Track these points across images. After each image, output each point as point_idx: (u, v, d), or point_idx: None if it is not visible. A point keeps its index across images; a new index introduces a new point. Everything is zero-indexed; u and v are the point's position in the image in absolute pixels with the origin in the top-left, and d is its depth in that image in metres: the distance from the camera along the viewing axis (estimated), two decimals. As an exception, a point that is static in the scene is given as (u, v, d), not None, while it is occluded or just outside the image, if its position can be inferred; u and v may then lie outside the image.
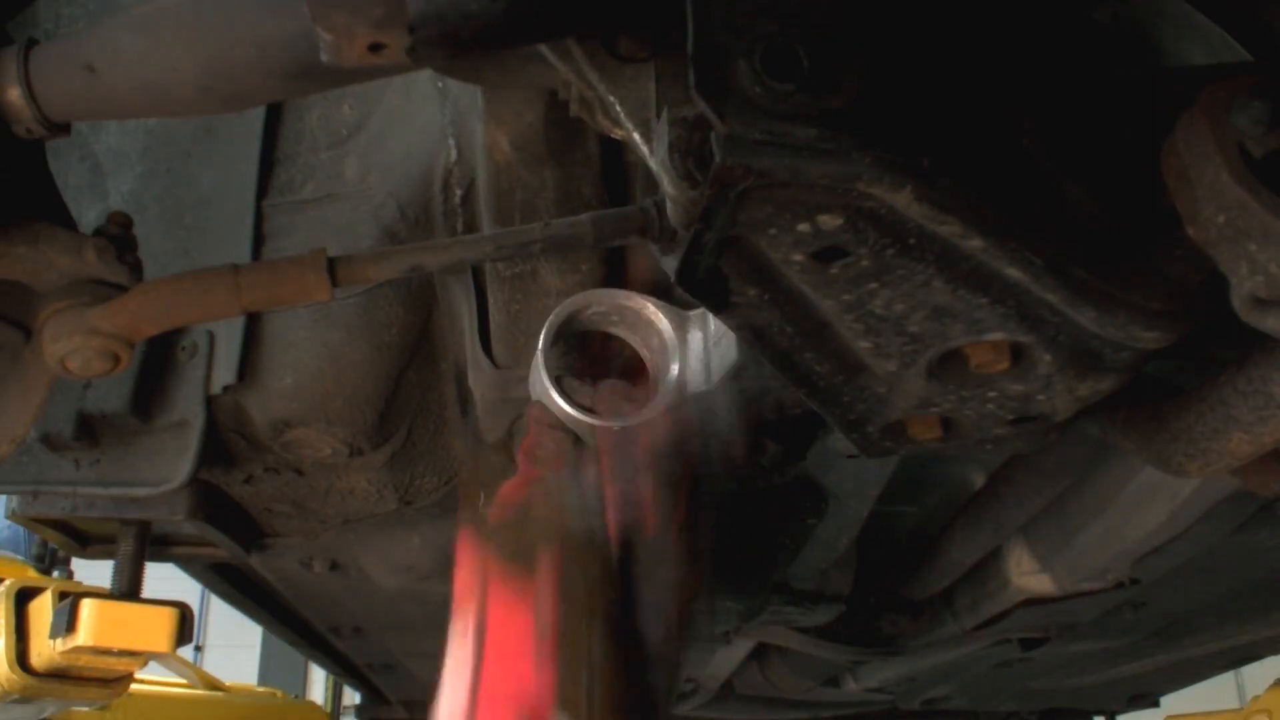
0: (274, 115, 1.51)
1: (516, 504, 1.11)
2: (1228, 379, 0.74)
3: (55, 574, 3.65)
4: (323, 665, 3.55)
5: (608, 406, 1.12)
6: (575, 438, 1.12)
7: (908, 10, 0.68)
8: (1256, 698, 3.12)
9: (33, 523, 1.72)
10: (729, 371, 1.05)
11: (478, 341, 1.34)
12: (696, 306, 1.12)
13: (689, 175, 0.68)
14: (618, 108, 0.76)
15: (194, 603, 1.99)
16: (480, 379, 1.36)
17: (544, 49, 0.79)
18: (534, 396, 1.16)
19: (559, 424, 1.12)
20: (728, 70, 0.62)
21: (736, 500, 1.54)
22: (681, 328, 1.12)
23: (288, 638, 2.95)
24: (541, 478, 1.10)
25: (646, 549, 1.11)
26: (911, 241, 0.68)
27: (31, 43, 0.85)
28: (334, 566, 2.07)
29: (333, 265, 0.94)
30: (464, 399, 1.57)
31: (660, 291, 1.14)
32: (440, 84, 1.28)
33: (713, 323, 1.10)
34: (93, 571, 2.32)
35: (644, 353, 1.17)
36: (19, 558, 3.79)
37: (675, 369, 1.11)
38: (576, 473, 1.11)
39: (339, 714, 6.77)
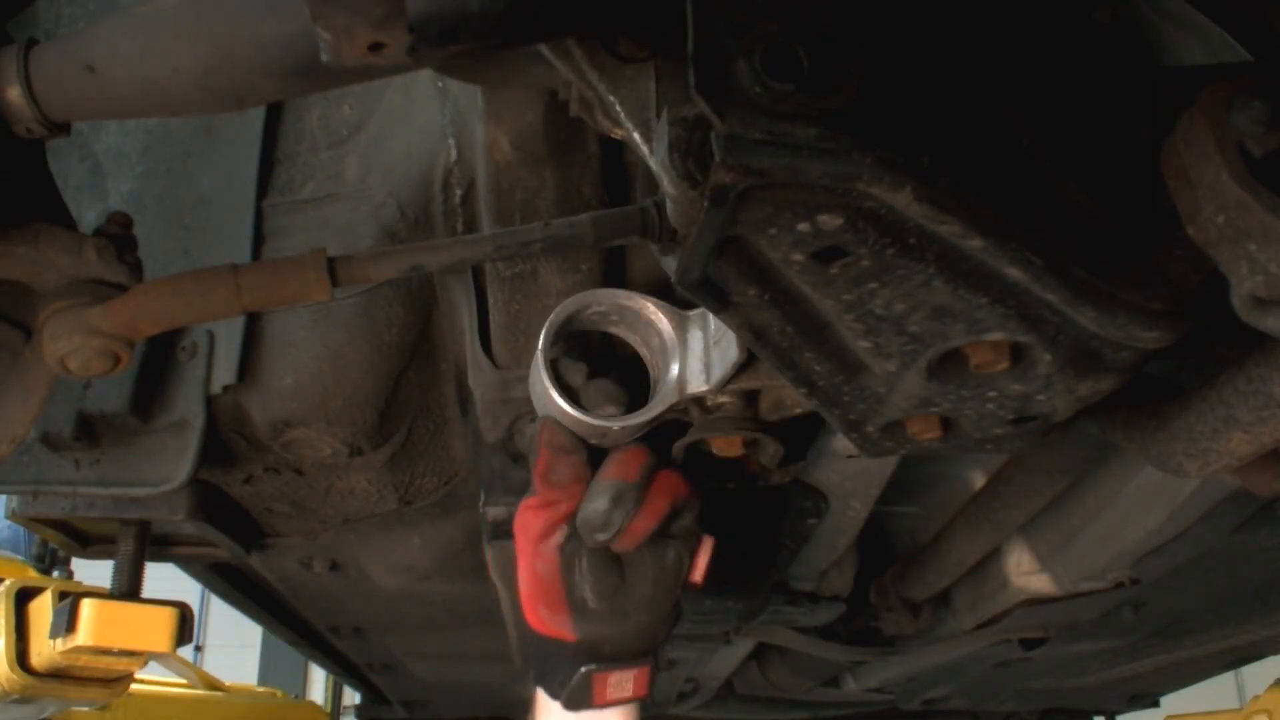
0: (274, 115, 1.51)
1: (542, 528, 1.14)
2: (1228, 379, 0.74)
3: (55, 574, 3.65)
4: (323, 665, 3.55)
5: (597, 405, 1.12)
6: (588, 457, 1.13)
7: (908, 10, 0.68)
8: (1256, 698, 3.12)
9: (33, 523, 1.72)
10: (729, 371, 1.05)
11: (478, 341, 1.34)
12: (696, 306, 1.12)
13: (689, 175, 0.68)
14: (618, 108, 0.76)
15: (194, 603, 1.99)
16: (480, 379, 1.36)
17: (544, 49, 0.79)
18: (534, 396, 1.16)
19: (571, 447, 1.12)
20: (728, 70, 0.62)
21: (736, 500, 1.55)
22: (681, 328, 1.12)
23: (288, 638, 2.95)
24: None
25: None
26: (911, 241, 0.68)
27: (31, 43, 0.85)
28: (334, 566, 2.07)
29: (333, 265, 0.94)
30: (464, 399, 1.57)
31: (660, 291, 1.14)
32: (440, 84, 1.28)
33: (713, 323, 1.10)
34: (93, 571, 2.32)
35: (644, 353, 1.17)
36: (19, 558, 3.79)
37: (675, 369, 1.11)
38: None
39: (339, 714, 6.78)
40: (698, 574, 1.20)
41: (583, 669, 1.16)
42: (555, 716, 1.19)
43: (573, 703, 1.17)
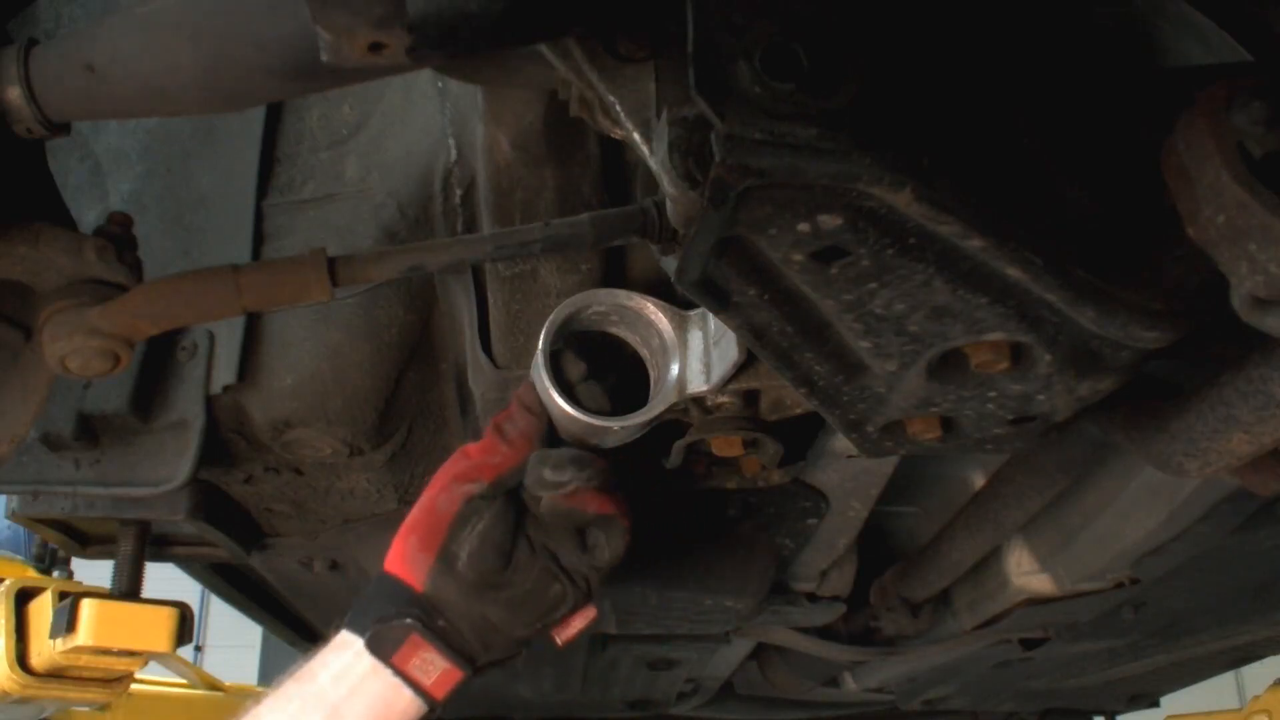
0: (274, 115, 1.51)
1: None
2: (1228, 379, 0.74)
3: (55, 574, 3.64)
4: (323, 665, 3.54)
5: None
6: (548, 430, 1.13)
7: (908, 10, 0.68)
8: (1256, 698, 3.11)
9: (33, 523, 1.72)
10: (729, 371, 1.05)
11: (478, 341, 1.34)
12: (696, 306, 1.12)
13: (689, 175, 0.68)
14: (618, 108, 0.76)
15: (194, 603, 1.99)
16: (480, 379, 1.35)
17: (544, 49, 0.79)
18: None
19: (538, 410, 1.13)
20: (728, 70, 0.62)
21: (736, 500, 1.55)
22: (681, 328, 1.12)
23: (288, 638, 2.95)
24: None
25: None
26: (911, 241, 0.68)
27: (31, 43, 0.85)
28: (334, 566, 2.07)
29: (333, 265, 0.94)
30: (464, 399, 1.57)
31: (660, 291, 1.14)
32: (440, 84, 1.28)
33: (713, 323, 1.10)
34: (93, 571, 2.31)
35: (644, 353, 1.17)
36: (19, 558, 3.78)
37: (675, 369, 1.11)
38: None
39: (339, 714, 6.76)
40: (564, 635, 1.17)
41: (408, 619, 1.08)
42: (341, 660, 1.09)
43: (375, 644, 1.07)
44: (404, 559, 1.11)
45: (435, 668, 1.08)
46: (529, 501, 1.13)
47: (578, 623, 1.17)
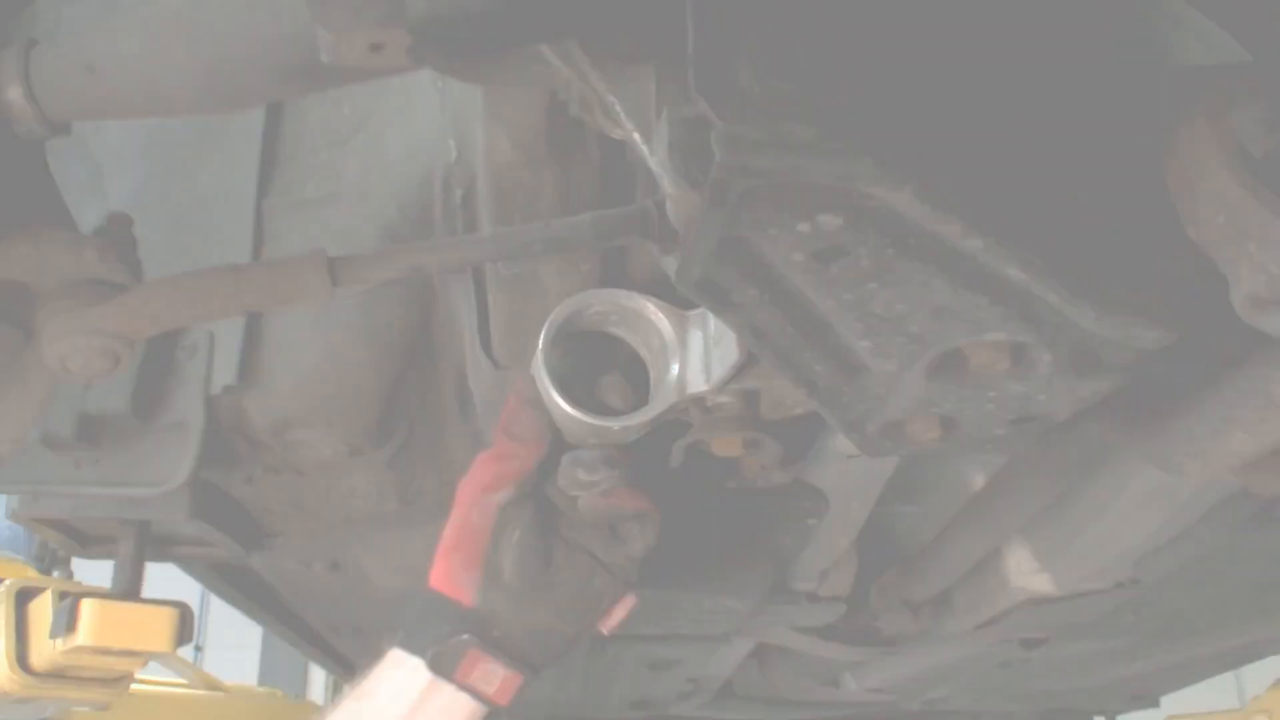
0: (274, 115, 1.51)
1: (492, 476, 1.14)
2: (1228, 379, 0.74)
3: (55, 574, 3.64)
4: (323, 665, 3.54)
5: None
6: (551, 420, 1.14)
7: (908, 9, 0.68)
8: (1257, 698, 3.11)
9: (33, 523, 1.72)
10: (729, 372, 1.05)
11: (478, 342, 1.34)
12: (696, 306, 1.12)
13: (689, 175, 0.68)
14: (618, 108, 0.76)
15: (194, 603, 1.99)
16: (480, 379, 1.35)
17: (544, 49, 0.79)
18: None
19: (539, 402, 1.13)
20: (728, 70, 0.62)
21: (736, 500, 1.54)
22: (681, 328, 1.12)
23: (288, 638, 2.95)
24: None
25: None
26: (912, 241, 0.68)
27: (31, 43, 0.85)
28: (334, 566, 2.07)
29: (333, 265, 0.94)
30: (464, 399, 1.57)
31: (660, 291, 1.14)
32: (440, 84, 1.28)
33: (713, 323, 1.10)
34: (93, 571, 2.31)
35: (644, 353, 1.17)
36: (19, 558, 3.78)
37: (675, 369, 1.11)
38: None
39: (339, 714, 6.75)
40: (608, 624, 1.19)
41: (465, 635, 1.11)
42: (399, 676, 1.12)
43: (438, 664, 1.10)
44: (449, 577, 1.13)
45: (497, 677, 1.12)
46: (557, 499, 1.15)
47: (620, 611, 1.19)
